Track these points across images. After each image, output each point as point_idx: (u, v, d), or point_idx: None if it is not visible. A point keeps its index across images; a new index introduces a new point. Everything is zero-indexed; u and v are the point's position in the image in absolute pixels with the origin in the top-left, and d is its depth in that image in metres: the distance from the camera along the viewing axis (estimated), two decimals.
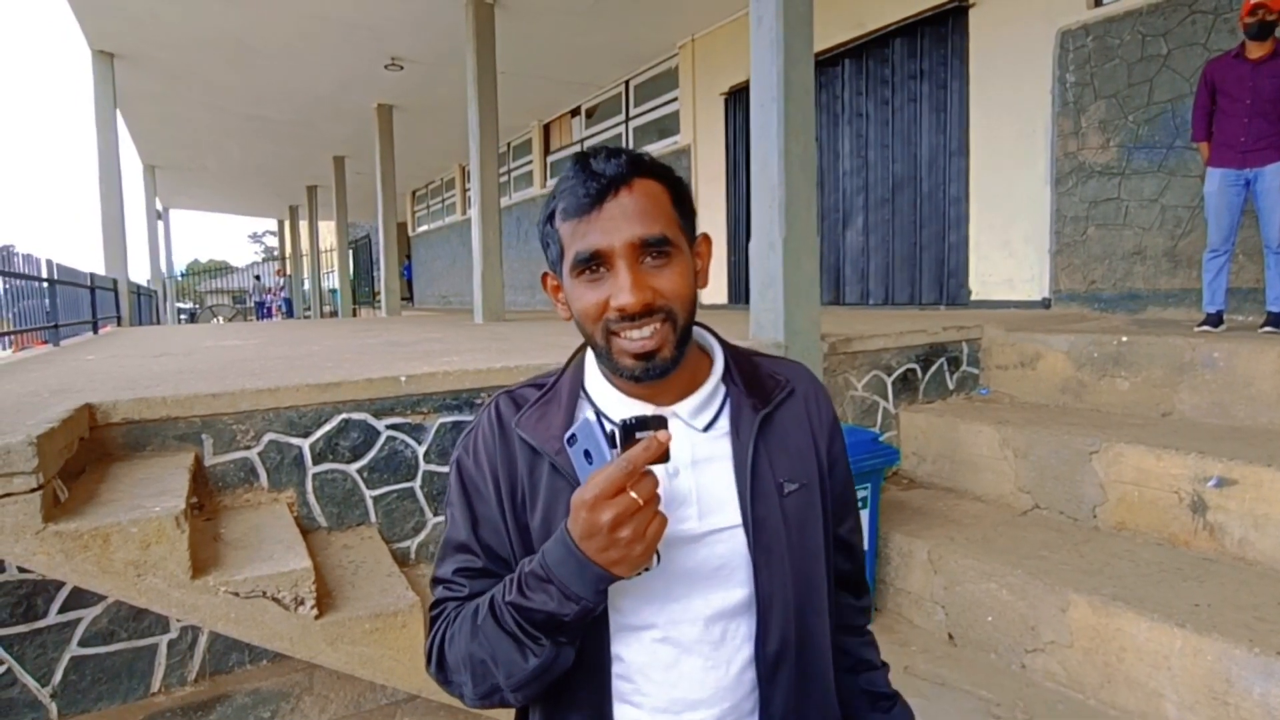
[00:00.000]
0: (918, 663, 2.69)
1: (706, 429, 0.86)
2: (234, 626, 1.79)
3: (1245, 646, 2.02)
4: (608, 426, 0.73)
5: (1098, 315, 5.07)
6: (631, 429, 0.68)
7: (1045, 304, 5.47)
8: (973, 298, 6.04)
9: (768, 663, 0.83)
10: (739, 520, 0.82)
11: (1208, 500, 2.71)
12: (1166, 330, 3.90)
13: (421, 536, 2.66)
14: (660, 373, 0.79)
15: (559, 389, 0.89)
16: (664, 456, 0.67)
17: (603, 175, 0.77)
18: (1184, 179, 4.58)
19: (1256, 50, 3.66)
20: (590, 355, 0.89)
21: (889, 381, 3.85)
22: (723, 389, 0.88)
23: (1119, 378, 3.66)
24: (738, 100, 8.16)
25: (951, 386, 4.13)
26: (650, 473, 0.67)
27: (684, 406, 0.85)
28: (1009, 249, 5.73)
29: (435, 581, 0.88)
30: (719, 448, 0.85)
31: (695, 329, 0.87)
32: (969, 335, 4.19)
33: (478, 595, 0.82)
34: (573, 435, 0.72)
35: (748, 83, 3.52)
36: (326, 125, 12.04)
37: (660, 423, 0.69)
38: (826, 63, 7.05)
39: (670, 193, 0.81)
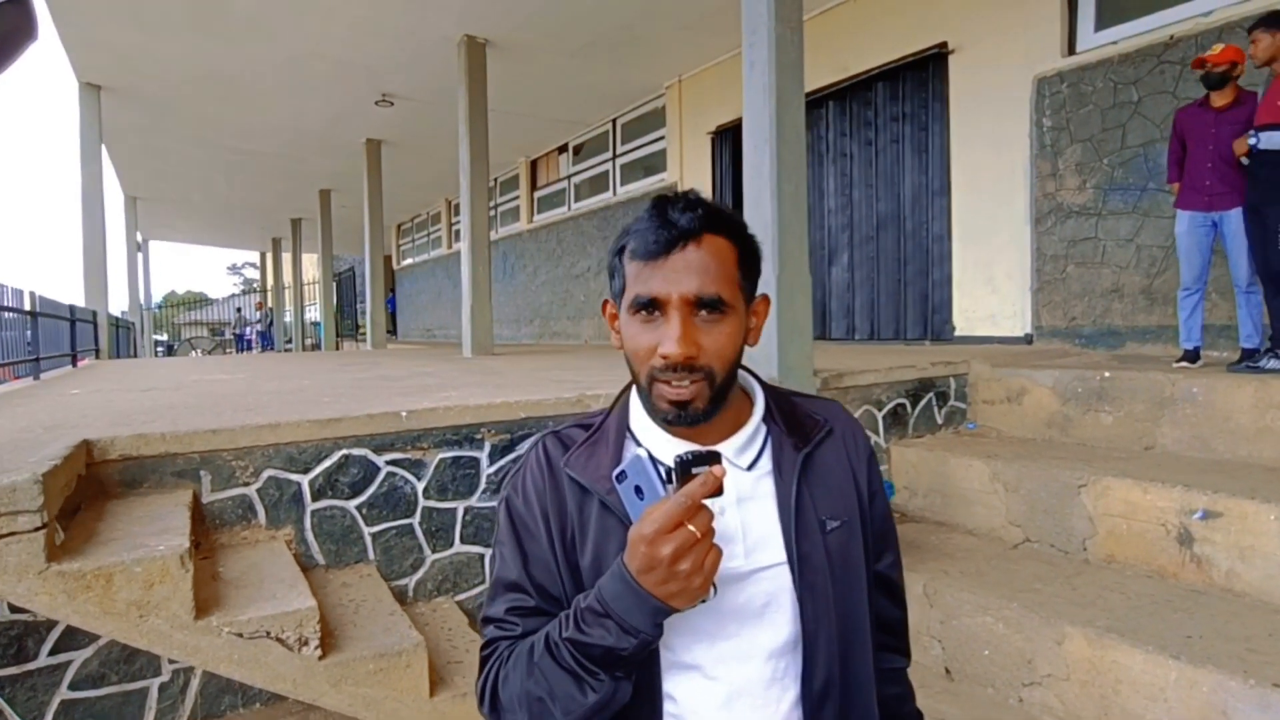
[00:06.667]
0: (916, 698, 2.68)
1: (750, 467, 0.88)
2: (236, 668, 1.76)
3: (1240, 678, 2.04)
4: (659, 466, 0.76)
5: (1079, 351, 5.18)
6: (688, 464, 0.71)
7: (1028, 339, 5.59)
8: (957, 333, 6.14)
9: (813, 700, 0.85)
10: (784, 558, 0.85)
11: (1194, 533, 2.76)
12: (1147, 366, 3.99)
13: (420, 574, 2.63)
14: (690, 422, 0.82)
15: (606, 429, 0.91)
16: (719, 491, 0.70)
17: (675, 225, 0.80)
18: (1158, 220, 4.73)
19: (1219, 99, 3.81)
20: (635, 396, 0.92)
21: (880, 416, 3.90)
22: (764, 429, 0.91)
23: (1103, 412, 3.73)
24: (724, 139, 8.29)
25: (940, 421, 4.19)
26: (706, 507, 0.70)
27: (728, 446, 0.87)
28: (992, 285, 5.86)
29: (486, 620, 0.89)
30: (763, 486, 0.88)
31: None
32: (956, 370, 4.27)
33: (530, 634, 0.83)
34: (623, 472, 0.74)
35: (735, 122, 3.61)
36: (314, 159, 12.08)
37: (714, 458, 0.72)
38: (811, 104, 7.22)
39: (738, 251, 0.84)
